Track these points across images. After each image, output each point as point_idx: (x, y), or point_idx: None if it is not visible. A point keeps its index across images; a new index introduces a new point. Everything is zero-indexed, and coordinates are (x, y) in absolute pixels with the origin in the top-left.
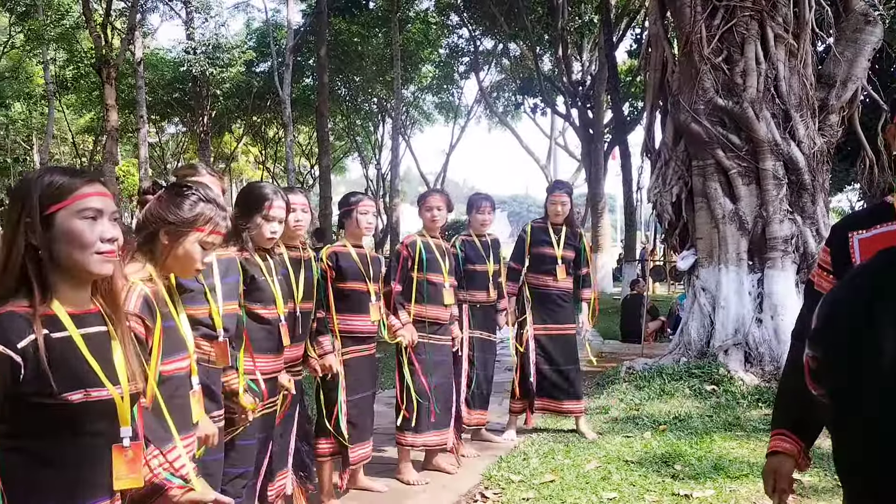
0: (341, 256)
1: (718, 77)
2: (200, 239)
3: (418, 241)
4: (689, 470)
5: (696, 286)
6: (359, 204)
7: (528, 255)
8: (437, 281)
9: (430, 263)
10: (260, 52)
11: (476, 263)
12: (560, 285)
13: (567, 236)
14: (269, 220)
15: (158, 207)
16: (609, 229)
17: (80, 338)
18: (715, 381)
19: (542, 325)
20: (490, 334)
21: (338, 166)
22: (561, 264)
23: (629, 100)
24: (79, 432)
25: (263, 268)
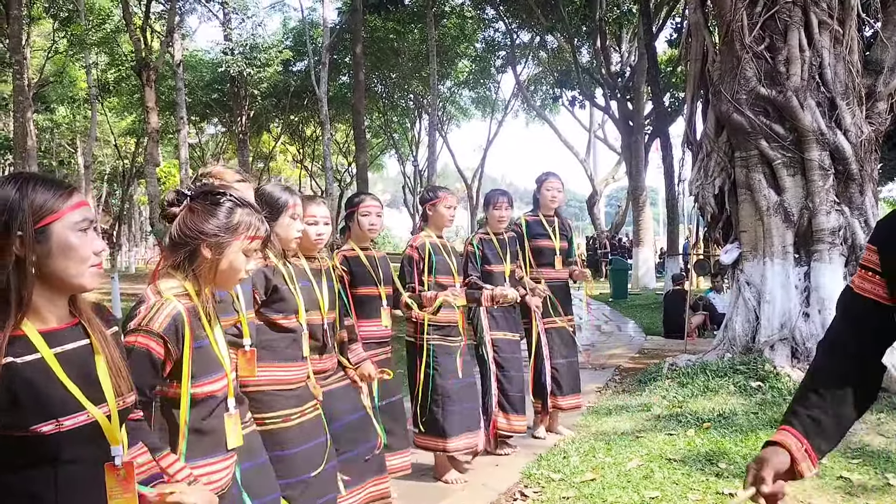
0: (352, 261)
1: (761, 65)
2: (244, 247)
3: (427, 242)
4: (733, 468)
5: (740, 280)
6: (360, 205)
7: (527, 248)
8: (447, 283)
9: (439, 265)
10: (297, 51)
11: (493, 264)
12: (560, 276)
13: (560, 227)
14: (296, 219)
15: (194, 220)
16: (651, 223)
17: (54, 358)
18: (760, 378)
19: (549, 318)
20: (514, 334)
21: (375, 163)
22: (559, 255)
23: (670, 90)
24: (59, 462)
25: (286, 275)
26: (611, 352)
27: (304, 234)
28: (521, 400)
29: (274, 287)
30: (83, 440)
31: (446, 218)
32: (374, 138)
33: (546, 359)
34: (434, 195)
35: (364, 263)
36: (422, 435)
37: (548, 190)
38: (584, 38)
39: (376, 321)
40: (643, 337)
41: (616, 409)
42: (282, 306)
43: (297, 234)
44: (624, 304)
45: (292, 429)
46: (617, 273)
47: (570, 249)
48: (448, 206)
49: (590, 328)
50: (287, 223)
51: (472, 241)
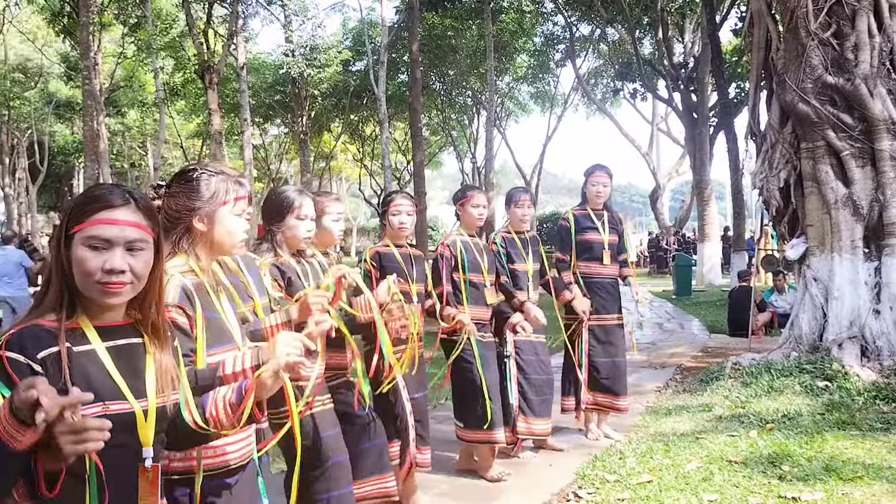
0: (384, 257)
1: (827, 53)
2: (232, 211)
3: (458, 240)
4: (797, 471)
5: (806, 276)
6: (391, 205)
7: (574, 244)
8: (478, 281)
9: (471, 264)
10: (356, 50)
11: (517, 262)
12: (608, 272)
13: (609, 220)
14: (303, 219)
15: (178, 201)
16: (716, 218)
17: (106, 350)
18: (828, 377)
19: (595, 314)
20: (538, 335)
21: (433, 161)
22: (607, 250)
23: (735, 81)
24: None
25: (299, 271)
26: (672, 350)
27: (328, 231)
28: (542, 403)
29: (288, 280)
30: (122, 427)
31: (474, 217)
32: (432, 136)
33: (584, 355)
34: (462, 195)
35: (397, 260)
36: (471, 430)
37: (593, 185)
38: (645, 29)
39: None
40: (707, 335)
41: (676, 409)
42: None
43: (306, 233)
44: (688, 302)
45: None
46: (681, 269)
47: (620, 244)
48: (475, 206)
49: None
50: (293, 223)
51: (496, 239)
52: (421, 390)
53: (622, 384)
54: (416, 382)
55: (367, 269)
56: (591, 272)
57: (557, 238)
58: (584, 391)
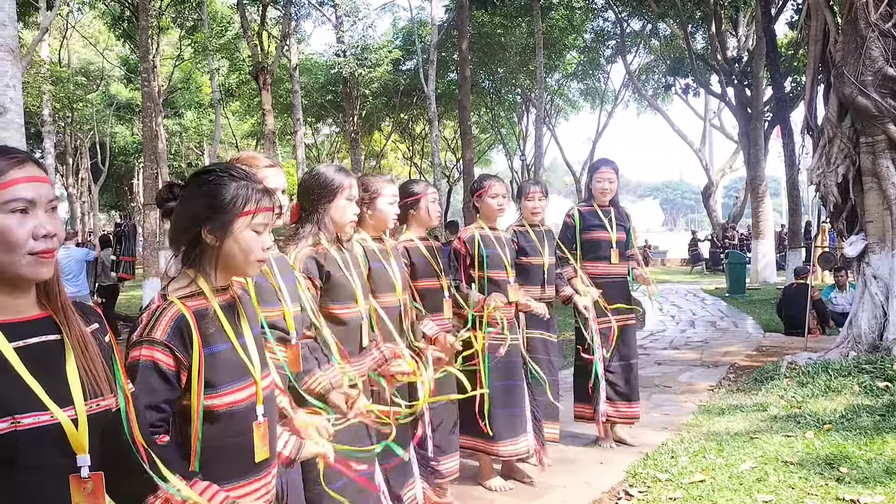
0: (412, 252)
1: (888, 44)
2: (250, 224)
3: (476, 234)
4: (856, 473)
5: (866, 274)
6: (427, 193)
7: (579, 242)
8: (499, 278)
9: (491, 259)
10: (406, 50)
11: (531, 256)
12: (616, 270)
13: (617, 217)
14: (351, 200)
15: (188, 205)
16: (771, 214)
17: (13, 352)
18: (889, 378)
19: (605, 316)
20: (550, 334)
21: (483, 159)
22: (615, 248)
23: (791, 75)
24: (18, 467)
25: (340, 261)
26: (726, 349)
27: (382, 214)
28: (551, 405)
29: (327, 274)
30: (45, 444)
31: (494, 208)
32: (481, 134)
33: (599, 361)
34: (479, 185)
35: (424, 254)
36: (466, 436)
37: (599, 181)
38: (697, 23)
39: (438, 315)
40: (761, 333)
41: (729, 408)
42: (338, 292)
43: (352, 216)
44: (741, 300)
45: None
46: (734, 267)
47: (627, 241)
48: (494, 196)
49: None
50: (343, 205)
51: (507, 234)
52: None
53: (636, 389)
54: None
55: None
56: (600, 272)
57: (561, 234)
58: (603, 402)
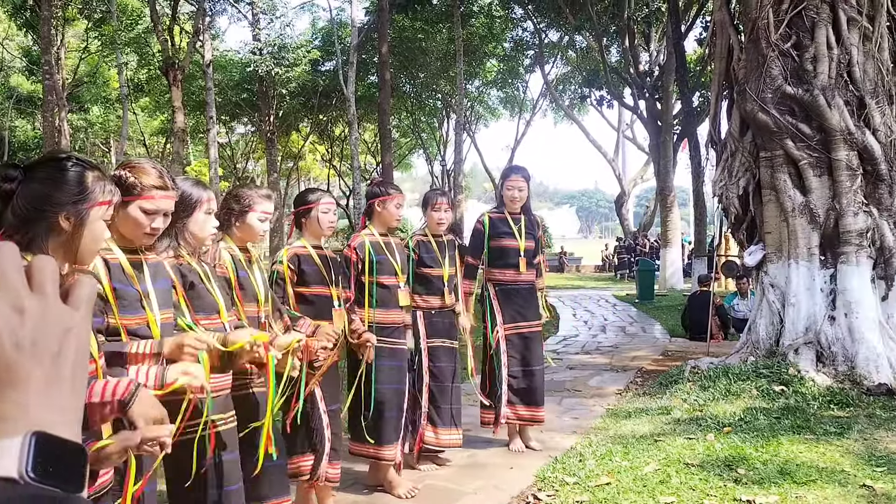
0: (303, 259)
1: (787, 64)
2: (104, 214)
3: (366, 240)
4: (753, 474)
5: (764, 282)
6: (320, 202)
7: (487, 248)
8: (389, 283)
9: (381, 264)
10: (325, 50)
11: (431, 267)
12: (524, 278)
13: (527, 225)
14: (210, 214)
15: (42, 190)
16: (678, 223)
17: None
18: (784, 382)
19: (513, 323)
20: (452, 342)
21: (403, 163)
22: (523, 256)
23: (699, 90)
24: None
25: (202, 274)
26: (634, 353)
27: (250, 228)
28: (452, 412)
29: (190, 283)
30: None
31: (394, 217)
32: (401, 138)
33: (504, 366)
34: (385, 191)
35: (316, 262)
36: (357, 442)
37: (509, 188)
38: (612, 37)
39: (328, 323)
40: (668, 338)
41: (636, 411)
42: (200, 305)
43: (212, 230)
44: (650, 306)
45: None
46: (644, 274)
47: (536, 250)
48: (398, 206)
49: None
50: (202, 219)
51: (409, 242)
52: (335, 403)
53: (541, 394)
54: (331, 394)
55: (281, 271)
56: (507, 279)
57: (470, 240)
58: (504, 405)
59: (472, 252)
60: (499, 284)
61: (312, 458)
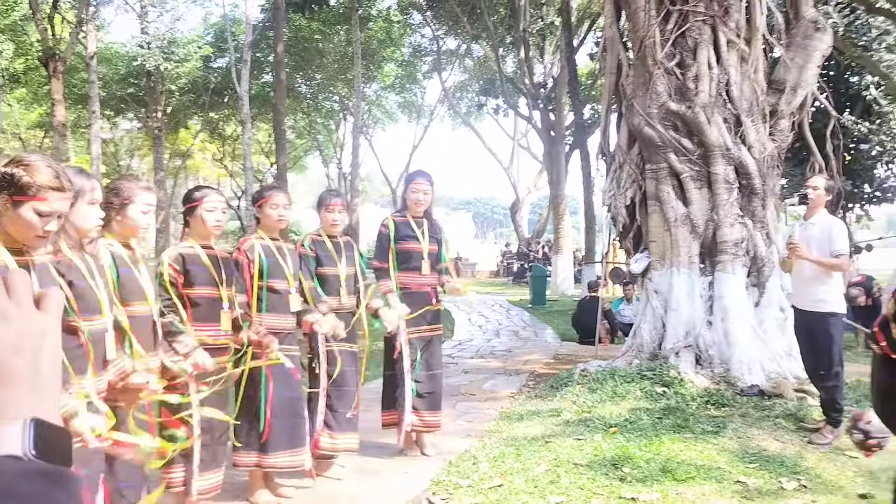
0: (188, 259)
1: (671, 81)
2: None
3: (256, 244)
4: (636, 472)
5: (648, 289)
6: (204, 200)
7: (393, 251)
8: (280, 288)
9: (272, 269)
10: (217, 47)
11: (326, 266)
12: (427, 281)
13: (430, 229)
14: (94, 204)
15: None
16: (570, 231)
17: None
18: (666, 383)
19: (416, 327)
20: (351, 345)
21: (298, 165)
22: (426, 259)
23: (590, 103)
24: None
25: (84, 270)
26: (527, 357)
27: (132, 222)
28: (350, 417)
29: (69, 283)
30: None
31: (273, 219)
32: (297, 139)
33: (407, 372)
34: (259, 195)
35: (204, 263)
36: (239, 450)
37: (414, 191)
38: (508, 47)
39: (215, 325)
40: (559, 342)
41: (528, 414)
42: (83, 305)
43: (97, 221)
44: (542, 311)
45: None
46: (537, 279)
47: (439, 253)
48: (274, 206)
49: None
50: (84, 210)
51: (304, 242)
52: (224, 408)
53: (439, 398)
54: (217, 401)
55: (163, 271)
56: (410, 282)
57: (377, 244)
58: (409, 412)
59: (380, 255)
60: (402, 287)
61: (183, 470)
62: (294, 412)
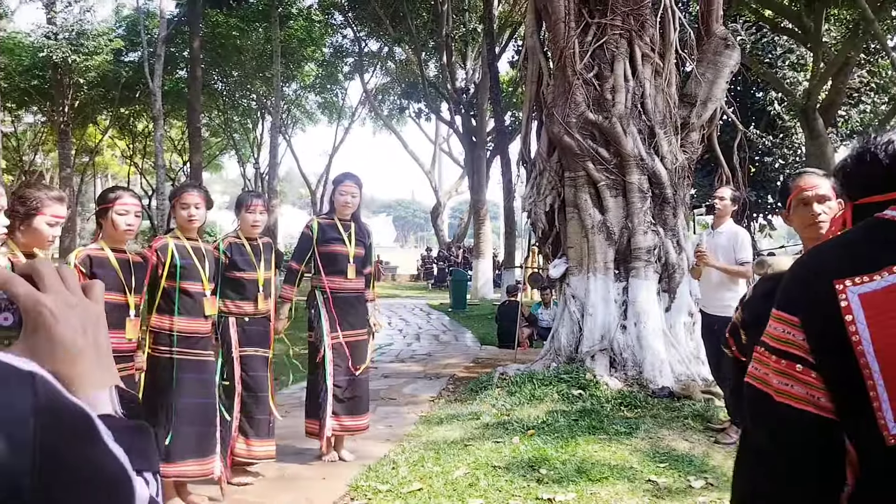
0: (96, 261)
1: (590, 92)
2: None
3: (171, 243)
4: (553, 474)
5: (566, 293)
6: (116, 202)
7: (317, 255)
8: (194, 290)
9: (186, 270)
10: (129, 40)
11: (245, 270)
12: (353, 286)
13: (357, 232)
14: None
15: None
16: (490, 236)
17: None
18: (582, 386)
19: (340, 331)
20: (265, 350)
21: (213, 164)
22: (352, 263)
23: (511, 110)
24: None
25: None
26: (447, 361)
27: (38, 233)
28: (266, 423)
29: None
30: None
31: (184, 218)
32: (212, 137)
33: (329, 376)
34: (173, 194)
35: (113, 266)
36: None
37: (342, 194)
38: (431, 52)
39: (119, 333)
40: (479, 346)
41: (447, 417)
42: None
43: (1, 228)
44: (462, 315)
45: None
46: (457, 284)
47: (366, 257)
48: (184, 206)
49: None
50: None
51: (220, 245)
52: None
53: (365, 403)
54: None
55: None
56: (336, 286)
57: (297, 245)
58: (330, 417)
59: (297, 257)
60: (326, 291)
61: None
62: (205, 420)
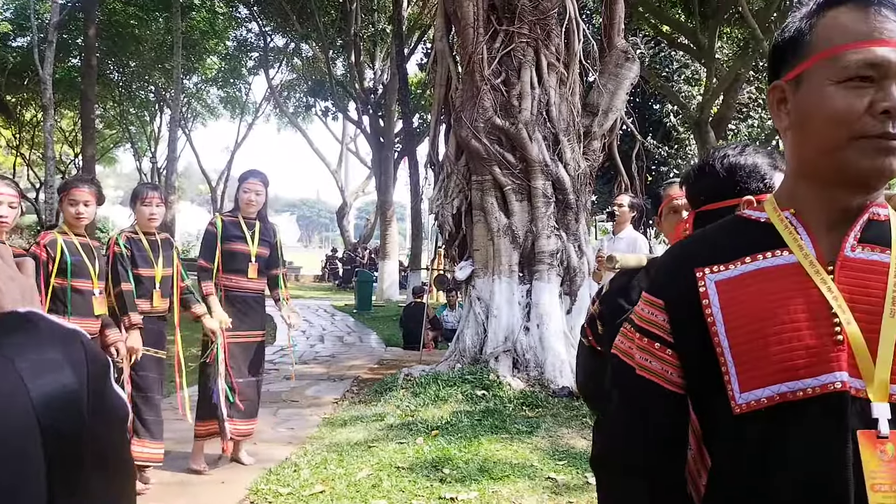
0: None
1: (497, 98)
2: None
3: (60, 239)
4: (456, 473)
5: (472, 295)
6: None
7: (218, 252)
8: (84, 288)
9: (76, 267)
10: (18, 24)
11: (142, 267)
12: (253, 286)
13: (262, 231)
14: None
15: None
16: (397, 237)
17: None
18: (486, 386)
19: (235, 331)
20: (158, 350)
21: (107, 157)
22: (254, 262)
23: (419, 112)
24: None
25: None
26: (351, 363)
27: None
28: (159, 424)
29: None
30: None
31: (71, 215)
32: (106, 129)
33: (220, 377)
34: (61, 188)
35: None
36: None
37: (245, 191)
38: (338, 50)
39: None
40: (384, 348)
41: (351, 419)
42: None
43: None
44: (367, 316)
45: None
46: (362, 285)
47: (272, 257)
48: (72, 202)
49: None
50: None
51: (119, 240)
52: None
53: (256, 406)
54: None
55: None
56: (234, 285)
57: (203, 243)
58: (228, 421)
59: (206, 255)
60: (226, 290)
61: None
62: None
